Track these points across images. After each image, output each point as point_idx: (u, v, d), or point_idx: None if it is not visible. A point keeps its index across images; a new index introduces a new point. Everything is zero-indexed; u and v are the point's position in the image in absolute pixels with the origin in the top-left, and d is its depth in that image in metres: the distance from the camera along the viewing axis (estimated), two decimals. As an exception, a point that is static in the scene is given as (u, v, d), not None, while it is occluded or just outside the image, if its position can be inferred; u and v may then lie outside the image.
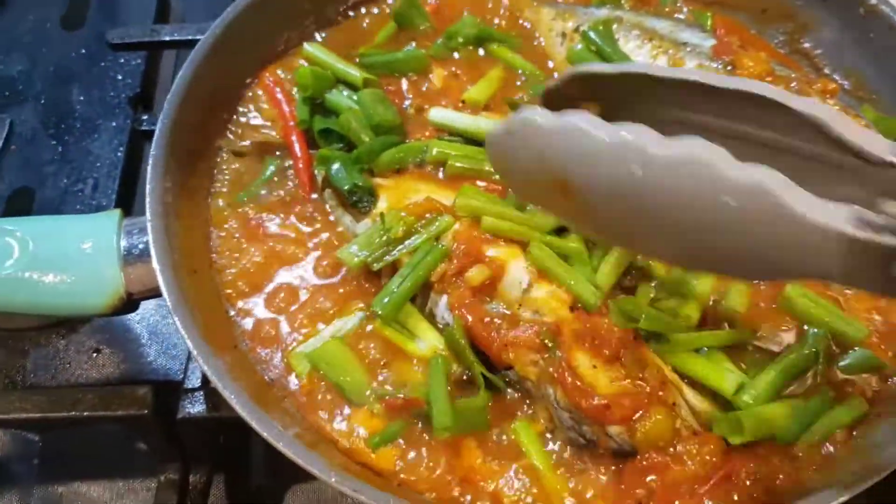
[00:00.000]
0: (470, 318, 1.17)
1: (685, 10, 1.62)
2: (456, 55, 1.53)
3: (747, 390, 1.14)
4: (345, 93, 1.43)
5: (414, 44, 1.53)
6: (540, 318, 1.16)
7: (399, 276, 1.22)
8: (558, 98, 1.03)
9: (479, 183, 1.33)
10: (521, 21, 1.62)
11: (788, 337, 1.21)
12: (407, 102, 1.46)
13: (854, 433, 1.17)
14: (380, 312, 1.21)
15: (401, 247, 1.25)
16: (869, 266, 0.78)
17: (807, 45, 1.60)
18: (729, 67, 1.40)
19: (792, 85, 1.39)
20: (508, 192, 1.28)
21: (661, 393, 1.12)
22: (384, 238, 1.25)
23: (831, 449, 1.15)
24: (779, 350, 1.20)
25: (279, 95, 1.45)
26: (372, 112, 1.38)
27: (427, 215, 1.27)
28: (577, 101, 1.02)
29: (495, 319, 1.17)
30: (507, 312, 1.18)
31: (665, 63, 1.46)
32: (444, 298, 1.21)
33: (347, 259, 1.26)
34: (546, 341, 1.13)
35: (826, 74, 1.57)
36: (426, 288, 1.23)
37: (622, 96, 0.99)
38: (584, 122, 0.85)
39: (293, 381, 1.24)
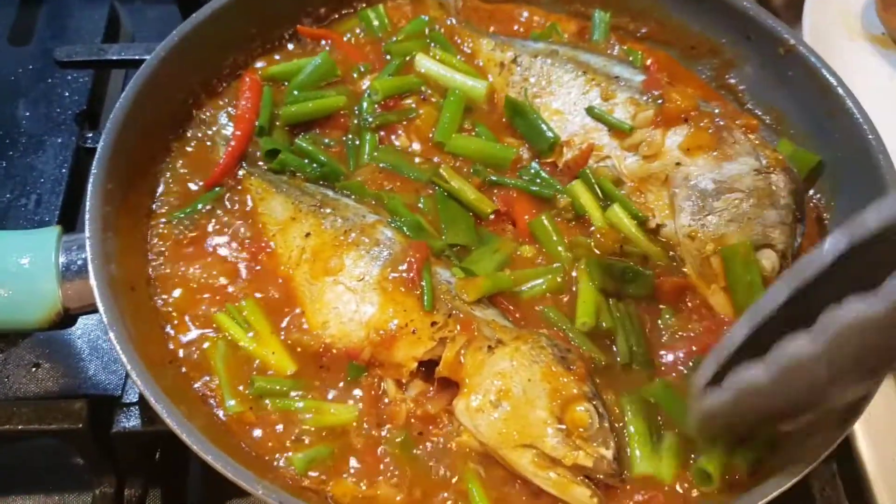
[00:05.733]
0: None
1: (617, 47, 1.68)
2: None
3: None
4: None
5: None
6: None
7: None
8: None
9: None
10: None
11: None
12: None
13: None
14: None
15: None
16: None
17: (732, 80, 1.68)
18: (659, 101, 1.46)
19: (717, 120, 1.44)
20: None
21: None
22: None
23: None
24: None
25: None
26: None
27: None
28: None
29: None
30: None
31: (597, 95, 1.51)
32: None
33: None
34: None
35: (749, 109, 1.65)
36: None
37: None
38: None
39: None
